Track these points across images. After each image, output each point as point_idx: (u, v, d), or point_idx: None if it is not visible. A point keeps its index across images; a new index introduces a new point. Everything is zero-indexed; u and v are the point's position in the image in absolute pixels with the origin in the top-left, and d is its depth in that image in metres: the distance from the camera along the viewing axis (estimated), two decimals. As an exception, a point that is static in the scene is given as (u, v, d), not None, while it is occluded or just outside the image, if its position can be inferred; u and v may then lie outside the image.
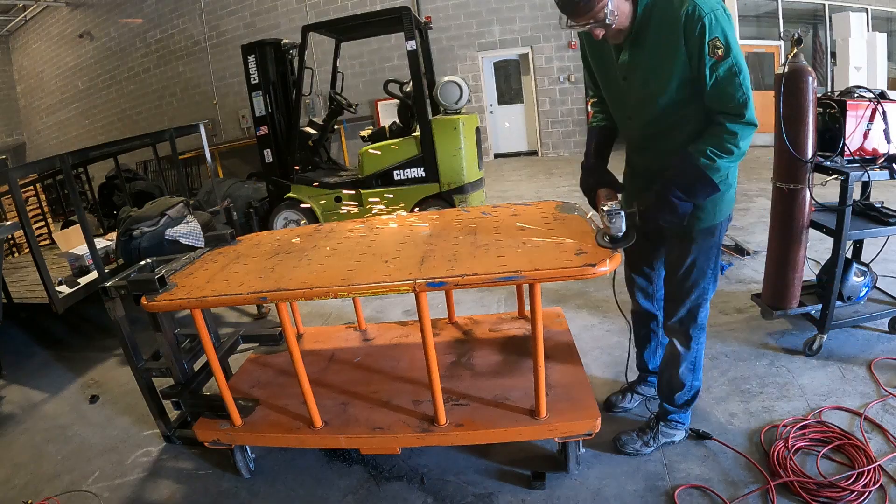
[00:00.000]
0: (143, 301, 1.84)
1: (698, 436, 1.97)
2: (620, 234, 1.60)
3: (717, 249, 1.73)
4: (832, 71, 8.07)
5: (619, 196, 1.74)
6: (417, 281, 1.62)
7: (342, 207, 4.85)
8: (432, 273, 1.66)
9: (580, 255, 1.63)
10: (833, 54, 8.00)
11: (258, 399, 2.16)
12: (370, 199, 4.75)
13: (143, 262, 2.28)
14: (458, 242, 1.92)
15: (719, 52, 1.40)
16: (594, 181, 1.78)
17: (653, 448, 1.91)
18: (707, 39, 1.40)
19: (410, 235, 2.09)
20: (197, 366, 2.34)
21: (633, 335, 2.18)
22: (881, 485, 1.69)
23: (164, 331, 2.13)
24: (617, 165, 1.81)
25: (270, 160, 5.08)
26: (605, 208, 1.58)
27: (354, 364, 2.34)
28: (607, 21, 1.44)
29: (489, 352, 2.29)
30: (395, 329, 2.61)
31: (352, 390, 2.14)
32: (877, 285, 2.63)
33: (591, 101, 1.90)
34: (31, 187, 5.61)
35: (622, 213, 1.57)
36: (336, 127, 6.28)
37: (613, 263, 1.57)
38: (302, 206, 4.98)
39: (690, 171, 1.50)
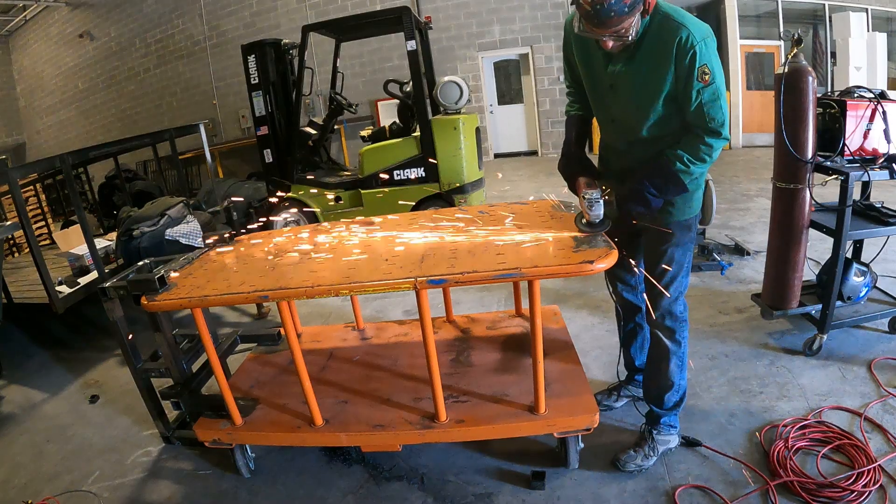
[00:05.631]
0: (144, 301, 1.84)
1: (688, 443, 1.96)
2: (598, 220, 1.76)
3: (692, 244, 1.82)
4: (832, 71, 8.06)
5: (597, 184, 1.83)
6: (418, 278, 1.62)
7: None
8: (433, 271, 1.66)
9: (578, 252, 1.64)
10: (833, 54, 7.99)
11: (258, 398, 2.16)
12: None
13: (140, 263, 2.28)
14: (457, 241, 1.92)
15: (706, 77, 1.51)
16: (576, 168, 1.87)
17: (654, 459, 1.90)
18: (697, 66, 1.50)
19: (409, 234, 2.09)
20: (196, 366, 2.33)
21: (621, 331, 2.19)
22: (881, 485, 1.69)
23: (162, 331, 2.12)
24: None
25: (270, 160, 5.08)
26: (586, 196, 1.73)
27: (353, 363, 2.34)
28: (629, 38, 1.51)
29: (487, 349, 2.29)
30: (393, 328, 2.61)
31: (351, 388, 2.14)
32: (877, 285, 2.63)
33: (567, 90, 1.96)
34: (31, 187, 5.59)
35: (601, 201, 1.73)
36: (336, 127, 6.28)
37: (611, 260, 1.59)
38: (304, 209, 4.97)
39: (666, 173, 1.63)
